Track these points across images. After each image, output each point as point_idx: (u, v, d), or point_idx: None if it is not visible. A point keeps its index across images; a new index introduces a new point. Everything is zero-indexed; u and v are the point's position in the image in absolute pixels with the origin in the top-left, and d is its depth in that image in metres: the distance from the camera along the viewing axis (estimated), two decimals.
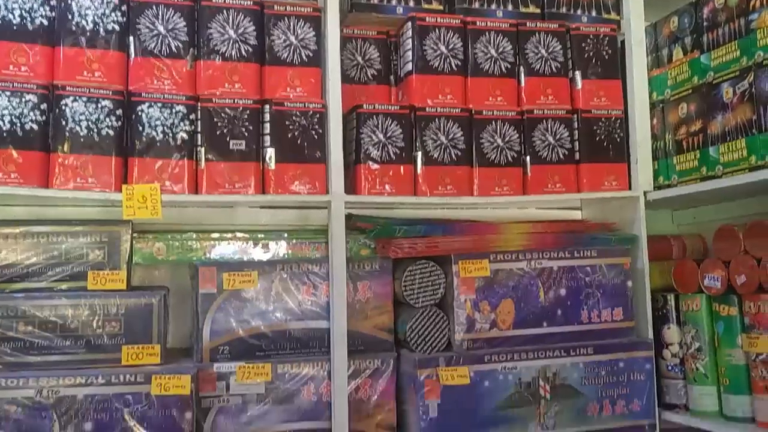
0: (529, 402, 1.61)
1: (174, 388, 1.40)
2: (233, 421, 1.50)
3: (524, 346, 1.61)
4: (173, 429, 1.40)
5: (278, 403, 1.53)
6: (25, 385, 1.33)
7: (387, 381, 1.60)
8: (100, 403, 1.36)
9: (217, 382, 1.50)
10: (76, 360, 1.40)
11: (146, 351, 1.44)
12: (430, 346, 1.58)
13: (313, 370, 1.55)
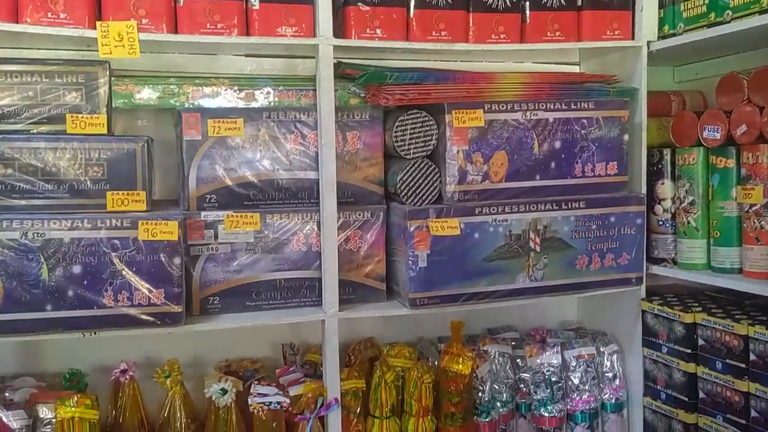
0: (518, 254, 1.61)
1: (161, 234, 1.39)
2: (222, 268, 1.51)
3: (516, 199, 1.60)
4: (162, 274, 1.40)
5: (267, 253, 1.52)
6: (9, 227, 1.31)
7: (376, 233, 1.59)
8: (88, 247, 1.35)
9: (206, 231, 1.49)
10: (60, 205, 1.37)
11: (131, 197, 1.41)
12: (420, 199, 1.56)
13: (302, 221, 1.53)
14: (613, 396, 1.75)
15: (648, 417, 1.72)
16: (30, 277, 1.33)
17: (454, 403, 1.61)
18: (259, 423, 1.46)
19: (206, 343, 1.70)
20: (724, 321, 1.50)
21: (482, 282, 1.58)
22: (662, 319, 1.64)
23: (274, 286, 1.54)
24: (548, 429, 1.71)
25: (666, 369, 1.64)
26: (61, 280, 1.34)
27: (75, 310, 1.36)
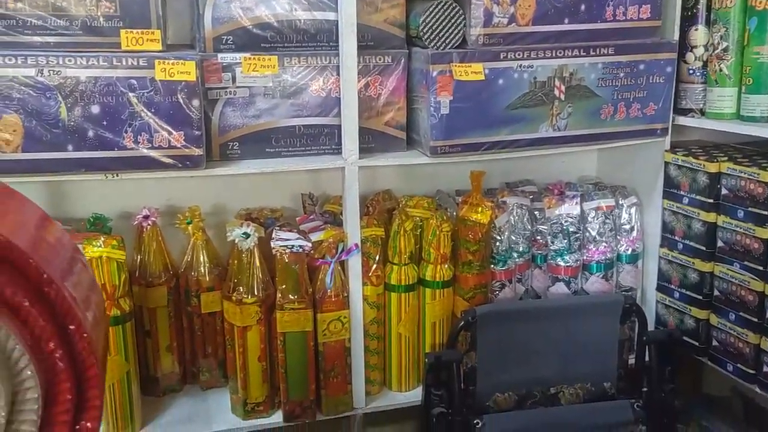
0: (542, 102, 1.57)
1: (179, 74, 1.35)
2: (241, 113, 1.48)
3: (542, 44, 1.54)
4: (181, 116, 1.38)
5: (286, 98, 1.49)
6: (24, 64, 1.28)
7: (397, 79, 1.55)
8: (105, 87, 1.33)
9: (223, 74, 1.45)
10: (73, 42, 1.33)
11: (146, 36, 1.37)
12: (443, 42, 1.51)
13: (321, 65, 1.49)
14: (629, 247, 1.76)
15: (663, 267, 1.75)
16: (49, 116, 1.31)
17: (472, 252, 1.63)
18: (282, 266, 1.49)
19: (226, 192, 1.71)
20: (749, 169, 1.48)
21: (504, 131, 1.56)
22: (685, 170, 1.63)
23: (293, 133, 1.52)
24: (564, 277, 1.74)
25: (685, 220, 1.65)
26: (81, 120, 1.33)
27: (96, 151, 1.35)
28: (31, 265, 0.46)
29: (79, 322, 0.47)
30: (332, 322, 1.53)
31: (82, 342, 0.48)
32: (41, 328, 0.46)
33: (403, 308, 1.63)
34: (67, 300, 0.46)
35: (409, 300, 1.63)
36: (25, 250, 0.46)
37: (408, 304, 1.63)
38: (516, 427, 1.61)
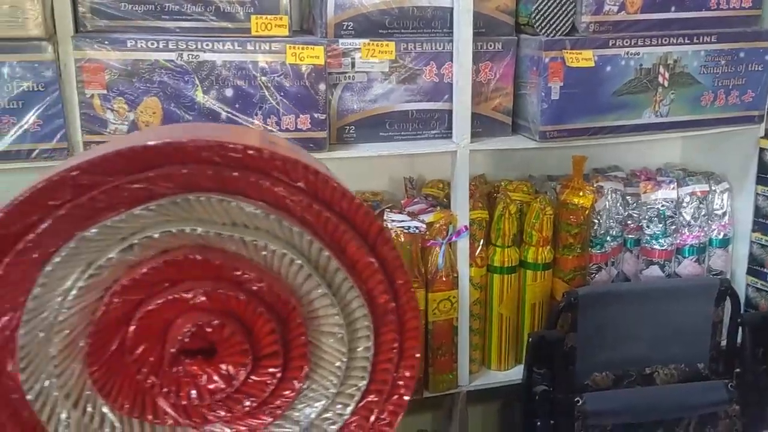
0: (646, 89, 1.60)
1: (308, 58, 1.39)
2: (359, 98, 1.52)
3: (649, 32, 1.57)
4: (308, 100, 1.41)
5: (401, 83, 1.53)
6: (165, 48, 1.32)
7: (506, 65, 1.59)
8: (239, 71, 1.36)
9: (343, 59, 1.49)
10: (207, 27, 1.37)
11: (275, 22, 1.40)
12: (554, 30, 1.54)
13: (436, 51, 1.53)
14: (720, 232, 1.80)
15: (755, 251, 1.78)
16: (186, 99, 1.35)
17: (573, 235, 1.67)
18: (398, 246, 1.53)
19: None
20: None
21: (610, 116, 1.59)
22: None
23: (406, 117, 1.55)
24: (658, 261, 1.78)
25: None
26: (215, 103, 1.36)
27: None
28: (372, 225, 0.50)
29: (407, 278, 0.51)
30: (442, 302, 1.57)
31: (407, 295, 0.52)
32: (378, 281, 0.50)
33: (505, 289, 1.67)
34: (399, 258, 0.50)
35: (510, 281, 1.67)
36: (367, 211, 0.50)
37: (509, 285, 1.67)
38: (614, 405, 1.66)
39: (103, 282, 0.47)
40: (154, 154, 0.45)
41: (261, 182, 0.46)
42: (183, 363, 0.48)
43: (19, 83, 1.24)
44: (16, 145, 1.27)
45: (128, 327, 0.48)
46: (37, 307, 0.46)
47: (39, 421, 0.47)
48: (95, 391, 0.48)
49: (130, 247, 0.47)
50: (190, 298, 0.47)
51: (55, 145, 1.29)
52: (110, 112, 1.31)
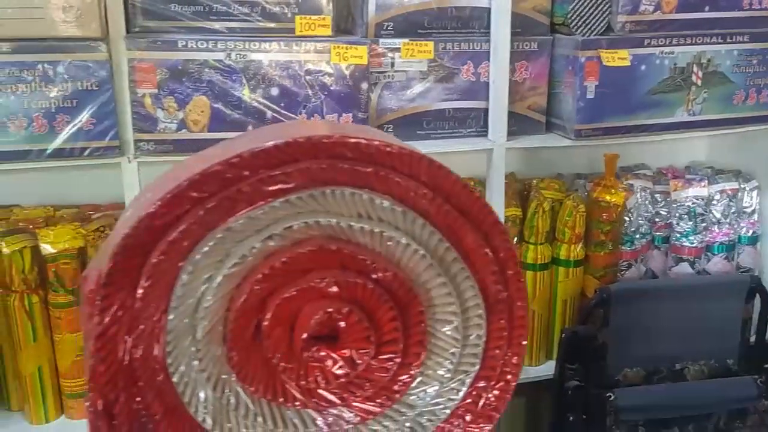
0: (680, 87, 1.63)
1: (352, 58, 1.42)
2: (397, 97, 1.54)
3: (683, 31, 1.59)
4: (351, 98, 1.44)
5: (438, 82, 1.55)
6: (214, 48, 1.35)
7: (541, 64, 1.61)
8: (284, 70, 1.39)
9: (383, 59, 1.51)
10: (253, 28, 1.39)
11: (318, 22, 1.42)
12: (589, 29, 1.56)
13: (473, 50, 1.55)
14: (749, 229, 1.82)
15: None
16: (233, 98, 1.38)
17: (605, 232, 1.70)
18: None
19: None
20: None
21: (644, 115, 1.62)
22: None
23: (442, 116, 1.58)
24: (688, 258, 1.80)
25: None
26: (261, 101, 1.39)
27: None
28: (488, 216, 0.52)
29: (518, 269, 0.54)
30: None
31: (517, 285, 0.54)
32: (491, 272, 0.53)
33: (537, 286, 1.69)
34: (511, 249, 0.53)
35: (543, 278, 1.69)
36: (485, 203, 0.52)
37: (542, 282, 1.69)
38: (646, 401, 1.68)
39: (242, 271, 0.50)
40: (295, 149, 0.47)
41: (390, 176, 0.49)
42: (312, 348, 0.51)
43: (74, 82, 1.27)
44: (70, 143, 1.30)
45: (262, 314, 0.50)
46: (185, 294, 0.49)
47: (181, 402, 0.50)
48: (232, 374, 0.51)
49: (270, 237, 0.49)
50: (323, 287, 0.49)
51: (107, 143, 1.32)
52: (160, 110, 1.34)
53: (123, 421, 0.47)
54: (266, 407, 0.53)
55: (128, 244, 0.46)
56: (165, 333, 0.49)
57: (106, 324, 0.47)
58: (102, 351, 0.47)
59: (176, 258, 0.49)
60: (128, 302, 0.47)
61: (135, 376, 0.48)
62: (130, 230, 0.46)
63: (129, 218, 0.48)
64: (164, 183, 0.49)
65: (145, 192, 0.49)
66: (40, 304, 1.44)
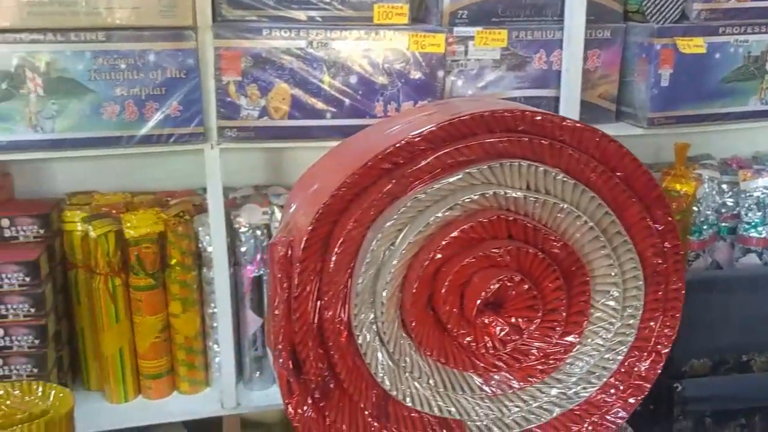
0: (753, 76, 1.61)
1: (429, 46, 1.43)
2: (470, 85, 1.55)
3: (758, 20, 1.58)
4: (427, 86, 1.46)
5: (511, 70, 1.56)
6: (297, 36, 1.37)
7: (614, 52, 1.61)
8: (363, 58, 1.41)
9: (456, 47, 1.52)
10: (333, 16, 1.41)
11: (396, 10, 1.44)
12: (664, 17, 1.55)
13: (545, 39, 1.55)
14: None
15: None
16: (313, 86, 1.40)
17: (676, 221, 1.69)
18: None
19: None
20: None
21: (717, 103, 1.60)
22: None
23: None
24: (756, 249, 1.79)
25: None
26: (339, 90, 1.41)
27: (350, 119, 1.43)
28: (653, 190, 0.53)
29: (678, 242, 0.55)
30: None
31: (674, 258, 0.55)
32: (652, 244, 0.54)
33: None
34: (672, 222, 0.54)
35: None
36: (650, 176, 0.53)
37: None
38: (713, 392, 1.67)
39: (420, 239, 0.52)
40: (478, 123, 0.49)
41: (563, 149, 0.50)
42: (482, 314, 0.52)
43: (164, 70, 1.30)
44: (158, 129, 1.33)
45: (436, 281, 0.52)
46: (372, 260, 0.51)
47: (363, 362, 0.52)
48: (409, 337, 0.52)
49: (451, 208, 0.51)
50: (498, 256, 0.51)
51: (192, 129, 1.35)
52: (243, 98, 1.36)
53: (311, 379, 0.49)
54: (437, 370, 0.55)
55: (325, 212, 0.48)
56: (351, 297, 0.51)
57: (302, 287, 0.49)
58: (296, 312, 0.49)
59: (364, 225, 0.51)
60: (319, 267, 0.49)
61: (323, 337, 0.50)
62: (329, 199, 0.48)
63: (318, 191, 0.50)
64: (340, 159, 0.51)
65: (318, 170, 0.51)
66: (122, 286, 1.48)
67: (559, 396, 0.55)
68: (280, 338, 0.50)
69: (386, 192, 0.49)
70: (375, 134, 0.51)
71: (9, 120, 1.27)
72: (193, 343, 1.55)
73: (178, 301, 1.51)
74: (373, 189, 0.48)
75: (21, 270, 1.34)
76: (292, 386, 0.51)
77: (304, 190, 0.50)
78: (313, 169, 0.58)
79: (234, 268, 1.52)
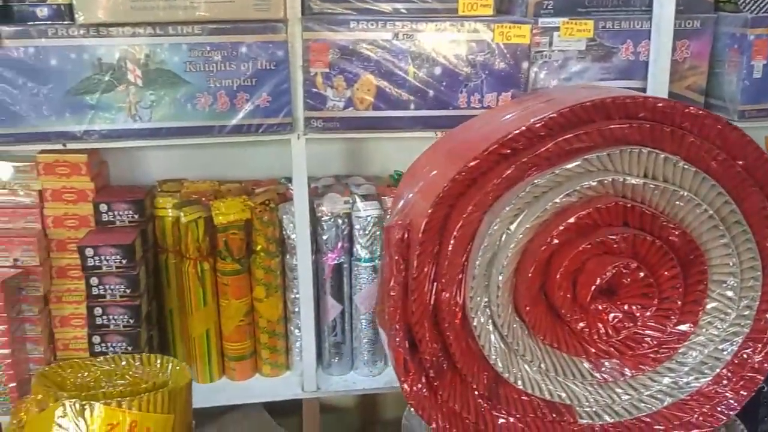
0: None
1: (515, 37, 1.42)
2: (554, 76, 1.54)
3: None
4: (511, 78, 1.45)
5: (596, 61, 1.54)
6: (383, 28, 1.39)
7: (703, 43, 1.56)
8: (449, 49, 1.41)
9: (541, 38, 1.51)
10: (418, 8, 1.42)
11: (480, 2, 1.44)
12: (758, 7, 1.50)
13: (633, 29, 1.52)
14: None
15: None
16: (398, 77, 1.41)
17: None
18: None
19: None
20: None
21: None
22: None
23: None
24: None
25: None
26: (423, 81, 1.42)
27: (433, 110, 1.44)
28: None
29: None
30: None
31: None
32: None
33: None
34: None
35: None
36: None
37: None
38: None
39: (536, 225, 0.53)
40: (599, 110, 0.50)
41: (685, 137, 0.50)
42: (596, 301, 0.53)
43: (255, 62, 1.34)
44: (247, 119, 1.38)
45: (550, 266, 0.53)
46: (489, 244, 0.52)
47: (476, 344, 0.53)
48: (522, 321, 0.54)
49: (568, 194, 0.52)
50: (614, 242, 0.51)
51: (280, 120, 1.39)
52: (330, 89, 1.39)
53: (425, 359, 0.51)
54: (549, 354, 0.56)
55: (445, 196, 0.50)
56: (467, 280, 0.53)
57: (420, 269, 0.51)
58: (414, 293, 0.51)
59: (482, 210, 0.52)
60: (437, 250, 0.51)
61: (438, 318, 0.52)
62: (450, 183, 0.50)
63: (436, 177, 0.51)
64: (453, 147, 0.52)
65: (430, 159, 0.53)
66: (210, 271, 1.54)
67: (670, 385, 0.55)
68: (396, 318, 0.51)
69: (505, 177, 0.50)
70: (488, 122, 0.52)
71: (111, 110, 1.34)
72: (276, 327, 1.59)
73: (262, 286, 1.56)
74: (491, 174, 0.49)
75: (118, 253, 1.41)
76: (407, 365, 0.53)
77: (418, 178, 0.52)
78: (423, 159, 0.60)
79: (315, 255, 1.55)
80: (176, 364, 1.11)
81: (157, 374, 1.10)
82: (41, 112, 1.32)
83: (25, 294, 1.49)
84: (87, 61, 1.31)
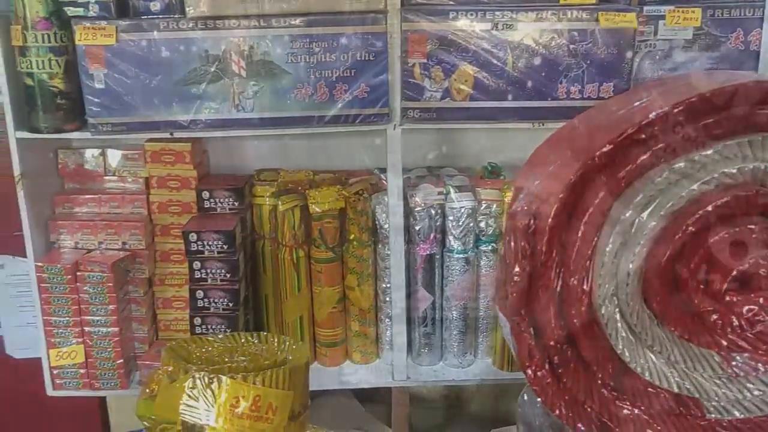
0: None
1: (621, 23, 1.38)
2: (658, 66, 1.49)
3: None
4: (614, 67, 1.41)
5: (704, 50, 1.47)
6: (482, 18, 1.38)
7: None
8: (549, 39, 1.39)
9: (645, 27, 1.46)
10: None
11: None
12: None
13: (743, 17, 1.45)
14: None
15: None
16: (497, 68, 1.40)
17: None
18: None
19: None
20: None
21: None
22: None
23: None
24: None
25: None
26: (522, 71, 1.40)
27: (531, 101, 1.42)
28: None
29: None
30: None
31: None
32: None
33: None
34: None
35: None
36: None
37: None
38: None
39: (668, 213, 0.52)
40: (739, 95, 0.48)
41: None
42: (731, 292, 0.51)
43: (354, 53, 1.36)
44: (345, 110, 1.40)
45: (684, 256, 0.51)
46: (619, 231, 0.52)
47: (603, 333, 0.53)
48: (651, 310, 0.53)
49: (705, 182, 0.50)
50: (752, 232, 0.49)
51: (377, 110, 1.40)
52: (427, 79, 1.39)
53: (550, 345, 0.50)
54: (678, 347, 0.54)
55: (576, 182, 0.49)
56: (595, 267, 0.52)
57: (548, 255, 0.51)
58: (540, 279, 0.51)
59: (614, 196, 0.51)
60: (564, 236, 0.51)
61: (565, 305, 0.52)
62: (581, 168, 0.49)
63: (564, 163, 0.51)
64: (576, 135, 0.51)
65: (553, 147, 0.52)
66: (305, 258, 1.57)
67: None
68: (521, 304, 0.51)
69: (639, 163, 0.49)
70: (616, 109, 0.51)
71: (216, 100, 1.39)
72: (367, 316, 1.61)
73: (354, 274, 1.58)
74: (624, 160, 0.48)
75: (220, 238, 1.46)
76: (532, 351, 0.52)
77: (542, 165, 0.51)
78: (544, 147, 0.59)
79: (407, 245, 1.56)
80: (292, 343, 1.15)
81: (276, 352, 1.14)
82: (151, 102, 1.39)
83: (131, 276, 1.56)
84: (195, 53, 1.36)
